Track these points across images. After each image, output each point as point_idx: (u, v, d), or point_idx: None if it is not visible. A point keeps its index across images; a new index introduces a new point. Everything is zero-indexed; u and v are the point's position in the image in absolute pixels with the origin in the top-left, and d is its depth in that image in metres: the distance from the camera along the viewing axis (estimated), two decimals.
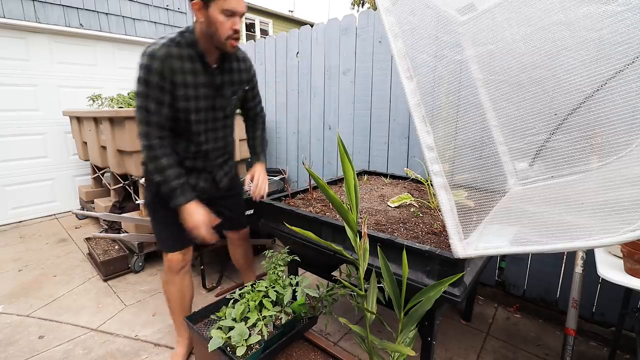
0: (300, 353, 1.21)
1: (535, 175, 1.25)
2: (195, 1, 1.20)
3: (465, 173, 1.13)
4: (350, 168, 0.87)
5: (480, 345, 1.79)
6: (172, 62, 1.25)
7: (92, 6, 3.85)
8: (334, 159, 2.96)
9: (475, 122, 1.24)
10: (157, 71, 1.22)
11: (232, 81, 1.47)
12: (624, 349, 1.71)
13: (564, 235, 0.70)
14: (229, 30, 1.24)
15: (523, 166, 1.29)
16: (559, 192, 1.07)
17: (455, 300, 0.99)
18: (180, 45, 1.28)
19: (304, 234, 0.90)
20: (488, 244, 0.90)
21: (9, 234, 3.38)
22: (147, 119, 1.26)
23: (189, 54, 1.29)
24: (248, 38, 11.73)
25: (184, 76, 1.28)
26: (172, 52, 1.25)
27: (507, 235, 0.91)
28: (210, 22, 1.23)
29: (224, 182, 1.65)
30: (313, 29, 2.91)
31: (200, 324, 1.27)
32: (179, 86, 1.29)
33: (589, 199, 0.87)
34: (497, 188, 1.21)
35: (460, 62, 1.31)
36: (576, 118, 1.05)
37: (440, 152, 0.94)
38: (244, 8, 1.25)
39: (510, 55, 1.17)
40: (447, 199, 0.92)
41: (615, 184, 0.86)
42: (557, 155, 1.12)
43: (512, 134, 1.25)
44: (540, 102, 1.13)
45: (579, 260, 1.50)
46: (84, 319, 2.01)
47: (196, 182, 1.53)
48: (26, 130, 3.64)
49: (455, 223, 0.92)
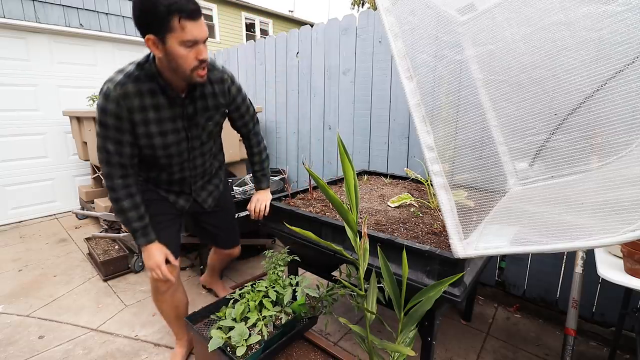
0: (300, 353, 1.21)
1: (535, 175, 1.25)
2: (148, 37, 1.06)
3: (465, 173, 1.13)
4: (350, 168, 0.87)
5: (480, 345, 1.79)
6: (129, 101, 1.14)
7: (92, 6, 3.86)
8: (334, 159, 2.96)
9: (475, 122, 1.24)
10: (111, 113, 1.13)
11: (206, 107, 1.32)
12: (624, 349, 1.71)
13: (564, 235, 0.70)
14: (193, 62, 1.11)
15: (523, 166, 1.29)
16: (558, 192, 1.07)
17: (455, 300, 0.99)
18: (139, 79, 1.16)
19: (304, 234, 0.90)
20: (488, 244, 0.90)
21: (9, 234, 3.39)
22: (108, 159, 1.20)
23: (150, 88, 1.18)
24: (248, 38, 11.73)
25: (144, 114, 1.18)
26: (128, 89, 1.14)
27: (507, 235, 0.91)
28: (170, 57, 1.09)
29: (209, 202, 1.59)
30: (313, 29, 2.91)
31: (200, 324, 1.27)
32: (139, 124, 1.19)
33: (589, 199, 0.87)
34: (497, 188, 1.21)
35: (460, 62, 1.31)
36: (576, 118, 1.05)
37: (440, 152, 0.94)
38: (206, 32, 1.10)
39: (510, 55, 1.16)
40: (447, 199, 0.92)
41: (615, 184, 0.86)
42: (557, 155, 1.12)
43: (512, 134, 1.25)
44: (540, 102, 1.13)
45: (579, 260, 1.50)
46: (84, 319, 2.01)
47: (175, 200, 1.48)
48: (26, 130, 3.64)
49: (455, 223, 0.92)
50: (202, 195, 1.55)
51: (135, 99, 1.15)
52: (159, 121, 1.22)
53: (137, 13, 1.05)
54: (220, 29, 10.98)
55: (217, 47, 10.64)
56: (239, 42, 11.30)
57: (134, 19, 1.07)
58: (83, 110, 3.17)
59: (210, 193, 1.58)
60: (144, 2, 1.02)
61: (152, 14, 1.01)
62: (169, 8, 0.99)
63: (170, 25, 1.02)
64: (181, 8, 1.00)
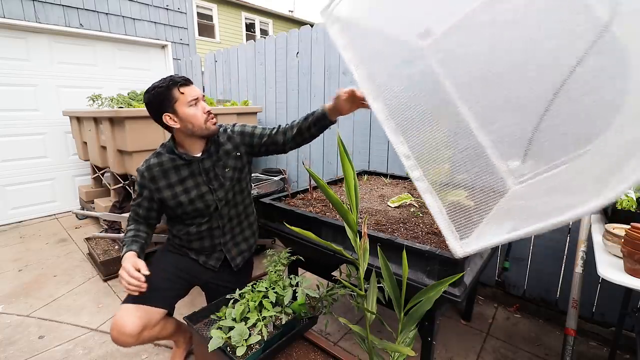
0: (300, 353, 1.21)
1: (528, 171, 1.25)
2: (164, 115, 1.33)
3: (462, 173, 1.14)
4: (350, 168, 0.87)
5: (480, 345, 1.79)
6: (151, 172, 1.41)
7: (92, 6, 3.86)
8: (334, 159, 2.96)
9: (458, 132, 1.24)
10: (138, 183, 1.44)
11: (219, 157, 1.47)
12: (624, 349, 1.71)
13: (554, 212, 0.70)
14: (203, 115, 1.36)
15: (516, 164, 1.29)
16: (547, 183, 1.07)
17: (455, 300, 0.99)
18: (160, 154, 1.44)
19: (304, 234, 0.90)
20: (485, 241, 0.90)
21: (9, 234, 3.39)
22: (132, 210, 1.50)
23: (170, 157, 1.42)
24: (248, 38, 11.73)
25: (166, 179, 1.42)
26: (151, 163, 1.42)
27: (504, 229, 0.91)
28: (184, 120, 1.34)
29: (237, 260, 1.57)
30: (313, 29, 2.91)
31: (200, 324, 1.27)
32: (164, 189, 1.42)
33: (575, 182, 0.88)
34: (494, 187, 1.21)
35: (426, 73, 1.30)
36: (552, 112, 1.05)
37: (421, 158, 0.94)
38: (200, 91, 1.39)
39: (479, 66, 1.17)
40: (434, 201, 0.93)
41: (597, 161, 0.87)
42: (543, 150, 1.12)
43: (498, 139, 1.25)
44: (516, 102, 1.13)
45: (579, 260, 1.51)
46: (84, 319, 2.01)
47: (205, 261, 1.53)
48: (26, 130, 3.64)
49: (447, 224, 0.92)
50: (233, 252, 1.57)
51: (156, 169, 1.41)
52: (181, 181, 1.43)
53: (150, 102, 1.33)
54: (220, 29, 10.98)
55: (217, 47, 10.63)
56: (239, 42, 11.29)
57: (150, 110, 1.36)
58: (83, 110, 3.17)
59: (241, 253, 1.60)
60: (152, 94, 1.32)
61: (161, 97, 1.31)
62: (168, 85, 1.31)
63: (174, 97, 1.31)
64: (176, 81, 1.32)
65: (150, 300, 1.33)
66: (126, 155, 2.55)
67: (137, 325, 1.27)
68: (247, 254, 1.62)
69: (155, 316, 1.35)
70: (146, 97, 1.34)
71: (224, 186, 1.48)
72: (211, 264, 1.53)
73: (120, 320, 1.26)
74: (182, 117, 1.33)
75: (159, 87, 1.31)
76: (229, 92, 4.01)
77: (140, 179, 1.43)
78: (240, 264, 1.58)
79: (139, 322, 1.28)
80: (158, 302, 1.37)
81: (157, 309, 1.36)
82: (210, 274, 1.55)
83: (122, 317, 1.27)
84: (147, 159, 1.46)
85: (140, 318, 1.29)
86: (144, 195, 1.45)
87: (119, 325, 1.26)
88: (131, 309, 1.29)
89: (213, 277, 1.56)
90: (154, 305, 1.35)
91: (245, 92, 3.76)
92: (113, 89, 4.03)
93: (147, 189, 1.43)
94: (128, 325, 1.26)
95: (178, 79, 1.33)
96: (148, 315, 1.32)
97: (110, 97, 3.10)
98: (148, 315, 1.32)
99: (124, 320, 1.26)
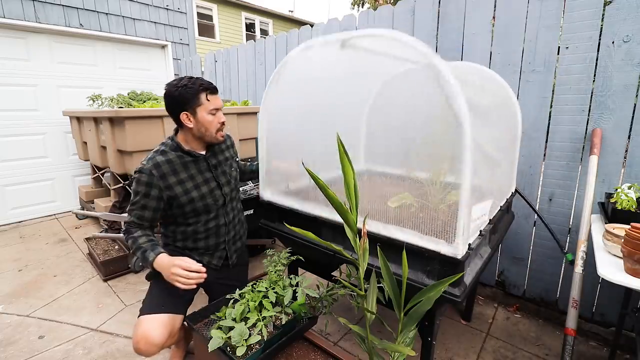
0: (300, 353, 1.21)
1: None
2: (183, 113, 1.36)
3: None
4: (350, 168, 0.87)
5: (480, 345, 1.79)
6: (160, 170, 1.37)
7: (92, 6, 3.86)
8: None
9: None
10: (142, 182, 1.36)
11: (226, 157, 1.60)
12: (624, 349, 1.71)
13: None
14: (217, 125, 1.43)
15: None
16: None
17: (455, 300, 0.99)
18: (165, 152, 1.42)
19: (304, 234, 0.90)
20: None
21: (9, 234, 3.39)
22: (131, 217, 1.41)
23: (176, 155, 1.43)
24: (248, 38, 11.72)
25: (176, 175, 1.41)
26: (157, 160, 1.38)
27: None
28: (200, 124, 1.39)
29: (233, 257, 1.65)
30: (313, 29, 2.91)
31: (200, 324, 1.27)
32: (174, 185, 1.40)
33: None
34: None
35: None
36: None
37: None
38: (222, 103, 1.46)
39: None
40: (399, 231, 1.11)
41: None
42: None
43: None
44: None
45: (579, 260, 1.50)
46: (84, 319, 2.01)
47: (209, 260, 1.55)
48: (26, 130, 3.64)
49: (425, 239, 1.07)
50: (232, 249, 1.63)
51: (165, 166, 1.39)
52: (191, 177, 1.45)
53: (174, 97, 1.35)
54: (220, 29, 10.97)
55: (217, 47, 10.63)
56: (239, 42, 11.29)
57: (171, 103, 1.38)
58: (83, 110, 3.17)
59: (236, 250, 1.67)
60: (180, 89, 1.34)
61: (187, 95, 1.35)
62: (198, 88, 1.36)
63: (199, 101, 1.37)
64: (207, 87, 1.38)
65: (171, 308, 1.36)
66: (126, 155, 2.55)
67: (164, 334, 1.29)
68: (240, 250, 1.71)
69: (177, 323, 1.38)
70: (172, 90, 1.35)
71: (230, 183, 1.58)
72: (214, 263, 1.57)
73: (147, 332, 1.26)
74: (199, 120, 1.39)
75: (188, 86, 1.34)
76: (229, 92, 4.01)
77: (148, 178, 1.35)
78: (235, 260, 1.66)
79: (165, 331, 1.30)
80: (179, 308, 1.39)
81: (179, 316, 1.39)
82: (213, 273, 1.55)
83: (149, 329, 1.27)
84: (151, 158, 1.40)
85: (165, 327, 1.31)
86: (152, 196, 1.37)
87: (147, 337, 1.26)
88: (155, 319, 1.30)
89: (216, 276, 1.57)
90: (176, 312, 1.37)
91: (245, 92, 3.76)
92: (113, 89, 4.03)
93: (156, 188, 1.37)
94: (156, 336, 1.27)
95: (209, 85, 1.38)
96: (172, 322, 1.34)
97: (110, 97, 3.10)
98: (172, 323, 1.34)
99: (151, 332, 1.27)
